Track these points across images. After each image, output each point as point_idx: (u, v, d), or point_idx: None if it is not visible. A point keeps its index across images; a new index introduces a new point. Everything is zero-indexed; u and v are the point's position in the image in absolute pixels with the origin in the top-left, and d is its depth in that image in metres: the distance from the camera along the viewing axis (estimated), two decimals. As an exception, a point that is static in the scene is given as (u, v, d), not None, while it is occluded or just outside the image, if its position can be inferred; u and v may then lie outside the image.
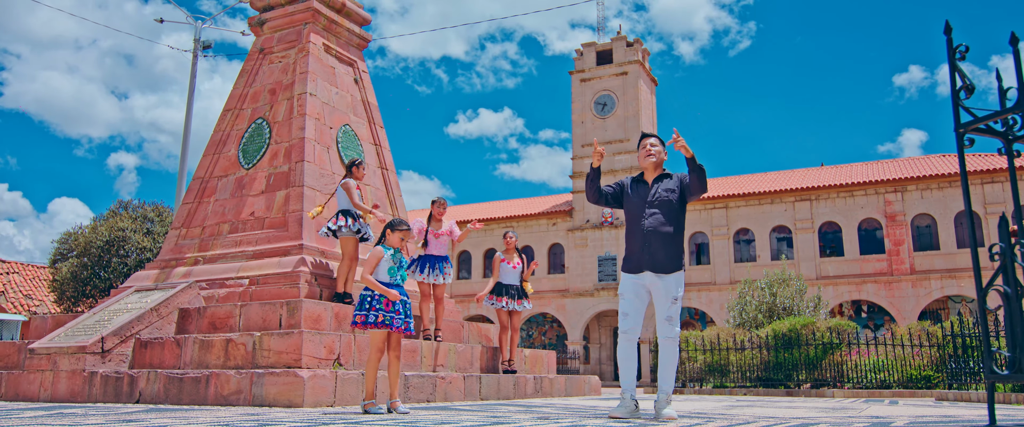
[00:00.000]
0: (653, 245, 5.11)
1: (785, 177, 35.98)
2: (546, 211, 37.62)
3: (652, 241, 5.12)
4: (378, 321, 5.28)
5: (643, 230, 5.17)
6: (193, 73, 24.60)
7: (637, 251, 5.17)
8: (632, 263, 5.21)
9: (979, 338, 13.15)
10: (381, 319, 5.28)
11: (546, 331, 37.50)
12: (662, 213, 5.17)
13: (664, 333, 5.09)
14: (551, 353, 11.53)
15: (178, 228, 10.43)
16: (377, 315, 5.29)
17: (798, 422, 4.91)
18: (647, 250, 5.12)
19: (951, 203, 30.22)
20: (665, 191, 5.23)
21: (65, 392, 7.66)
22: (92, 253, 24.68)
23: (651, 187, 5.29)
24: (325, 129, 10.39)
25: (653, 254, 5.10)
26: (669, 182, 5.28)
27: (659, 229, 5.13)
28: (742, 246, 33.61)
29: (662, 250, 5.10)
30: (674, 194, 5.23)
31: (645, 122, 36.87)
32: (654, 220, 5.16)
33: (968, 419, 5.29)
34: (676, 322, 5.10)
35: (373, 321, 5.28)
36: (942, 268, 29.79)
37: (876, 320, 30.83)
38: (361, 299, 5.41)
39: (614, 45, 37.80)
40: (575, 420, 4.88)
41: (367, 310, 5.31)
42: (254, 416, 5.01)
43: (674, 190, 5.24)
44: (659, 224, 5.14)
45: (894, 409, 7.68)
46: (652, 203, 5.20)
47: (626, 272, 5.26)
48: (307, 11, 10.80)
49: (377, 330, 5.35)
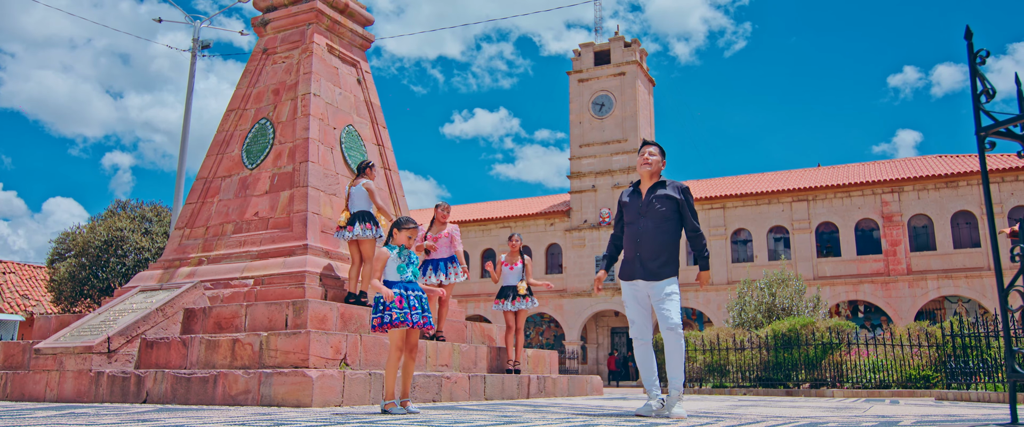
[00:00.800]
0: (643, 253, 5.20)
1: (782, 178, 36.07)
2: (544, 211, 37.66)
3: (642, 249, 5.21)
4: (394, 319, 5.32)
5: (634, 238, 5.26)
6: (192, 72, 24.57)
7: (630, 258, 5.28)
8: (625, 270, 5.32)
9: (978, 338, 13.22)
10: (396, 317, 5.31)
11: (544, 331, 37.54)
12: (653, 222, 5.24)
13: (664, 325, 5.12)
14: (553, 353, 11.57)
15: (182, 228, 10.43)
16: (392, 314, 5.31)
17: (806, 422, 4.95)
18: (638, 258, 5.22)
19: (947, 203, 30.33)
20: (658, 200, 5.28)
21: (71, 392, 7.66)
22: (90, 253, 24.64)
23: (645, 196, 5.35)
24: (329, 129, 10.41)
25: (644, 262, 5.19)
26: (664, 190, 5.33)
27: (652, 238, 5.20)
28: (739, 246, 33.70)
29: (653, 258, 5.17)
30: (669, 203, 5.28)
31: (643, 122, 36.93)
32: (644, 228, 5.24)
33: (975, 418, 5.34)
34: (674, 311, 5.09)
35: (390, 321, 5.31)
36: (939, 268, 29.91)
37: (873, 320, 30.94)
38: (375, 302, 5.43)
39: (612, 45, 37.87)
40: (587, 420, 4.92)
41: (382, 311, 5.34)
42: (267, 416, 5.03)
43: (670, 198, 5.29)
44: (649, 233, 5.22)
45: (898, 409, 7.73)
46: (644, 213, 5.28)
47: (622, 279, 5.36)
48: (311, 11, 10.82)
49: (396, 329, 5.38)
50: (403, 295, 5.44)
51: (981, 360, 12.78)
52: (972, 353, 13.29)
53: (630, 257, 5.28)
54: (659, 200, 5.28)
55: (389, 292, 5.27)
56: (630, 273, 5.27)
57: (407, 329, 5.43)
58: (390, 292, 5.28)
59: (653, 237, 5.20)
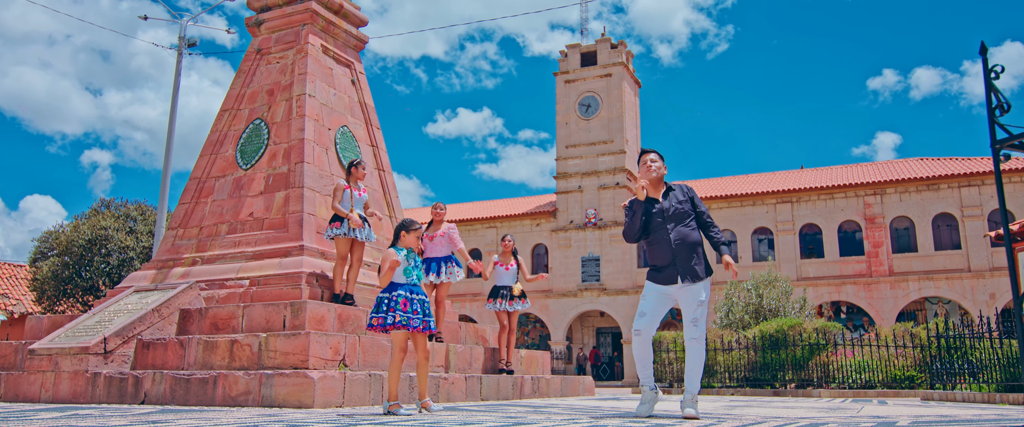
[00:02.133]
0: (682, 256, 5.29)
1: (767, 179, 36.37)
2: (530, 212, 37.73)
3: (681, 252, 5.29)
4: (396, 322, 5.35)
5: (671, 244, 5.31)
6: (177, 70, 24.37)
7: (668, 264, 5.31)
8: (663, 276, 5.33)
9: (962, 340, 13.43)
10: (399, 319, 5.35)
11: (529, 331, 37.62)
12: (683, 224, 5.37)
13: (690, 335, 5.25)
14: (545, 354, 11.65)
15: (175, 228, 10.39)
16: (395, 316, 5.36)
17: (806, 422, 5.04)
18: (679, 261, 5.29)
19: (929, 206, 30.72)
20: (678, 203, 5.42)
21: (67, 393, 7.63)
22: (74, 252, 24.41)
23: (663, 202, 5.44)
24: (323, 130, 10.41)
25: (686, 265, 5.28)
26: (678, 193, 5.48)
27: (686, 240, 5.33)
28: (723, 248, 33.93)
29: (693, 259, 5.29)
30: (687, 204, 5.44)
31: (629, 124, 37.10)
32: (679, 232, 5.34)
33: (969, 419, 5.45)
34: (701, 324, 5.28)
35: (392, 322, 5.35)
36: (920, 270, 30.28)
37: (855, 321, 31.28)
38: (378, 301, 5.47)
39: (598, 47, 37.99)
40: (593, 421, 4.98)
41: (385, 312, 5.38)
42: (276, 417, 5.05)
43: (685, 201, 5.45)
44: (685, 235, 5.34)
45: (891, 409, 7.86)
46: (671, 217, 5.38)
47: (655, 283, 5.38)
48: (305, 12, 10.81)
49: (398, 331, 5.42)
50: (408, 298, 5.49)
51: (965, 361, 12.99)
52: (956, 355, 13.51)
53: (667, 262, 5.30)
54: (678, 204, 5.41)
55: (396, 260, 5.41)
56: (668, 278, 5.30)
57: (411, 332, 5.48)
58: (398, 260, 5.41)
59: (689, 238, 5.33)
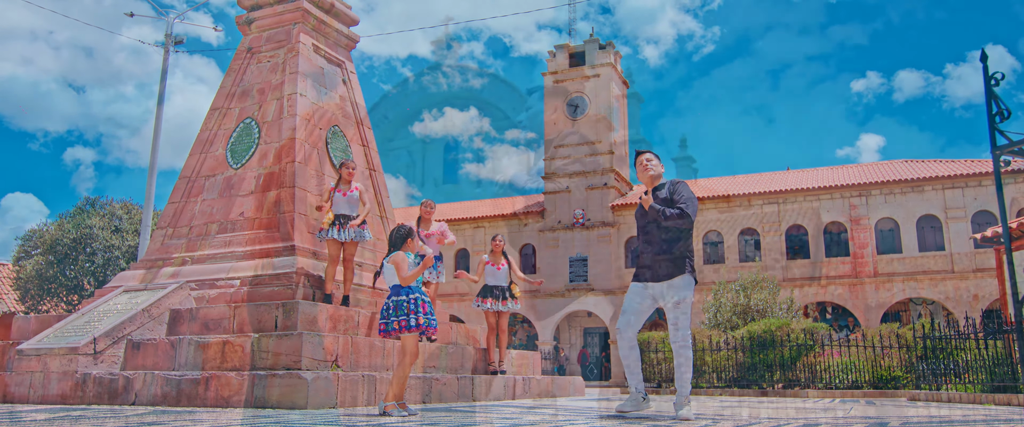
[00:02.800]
0: (652, 256, 5.32)
1: (753, 181, 36.56)
2: (518, 211, 37.74)
3: (649, 252, 5.34)
4: (420, 324, 5.43)
5: (644, 242, 5.41)
6: (164, 68, 24.19)
7: (642, 263, 5.42)
8: (638, 273, 5.47)
9: (948, 341, 13.55)
10: (422, 322, 5.42)
11: (516, 331, 37.63)
12: (656, 224, 5.36)
13: (673, 339, 5.26)
14: (536, 354, 11.68)
15: (164, 227, 10.32)
16: (417, 318, 5.41)
17: (800, 422, 5.08)
18: (648, 261, 5.35)
19: (913, 207, 30.99)
20: (658, 202, 5.42)
21: (56, 394, 7.56)
22: (58, 251, 24.18)
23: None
24: (314, 130, 10.37)
25: (654, 265, 5.32)
26: (662, 192, 5.49)
27: (654, 239, 5.34)
28: (710, 248, 34.08)
29: (662, 260, 5.30)
30: (667, 202, 5.42)
31: (617, 125, 37.20)
32: (649, 231, 5.38)
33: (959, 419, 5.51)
34: (682, 327, 5.26)
35: (415, 325, 5.41)
36: (904, 271, 30.54)
37: (840, 321, 31.52)
38: (398, 304, 5.47)
39: (587, 47, 38.06)
40: (593, 421, 5.00)
41: (407, 314, 5.42)
42: (273, 418, 5.03)
43: (666, 196, 5.43)
44: (654, 235, 5.36)
45: (881, 410, 7.92)
46: (648, 215, 5.38)
47: (634, 281, 5.49)
48: (296, 11, 10.77)
49: (411, 334, 5.47)
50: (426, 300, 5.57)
51: (951, 362, 13.12)
52: (941, 355, 13.64)
53: (643, 262, 5.41)
54: (659, 202, 5.40)
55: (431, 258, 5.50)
56: (640, 275, 5.41)
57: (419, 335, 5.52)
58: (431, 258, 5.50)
59: (658, 237, 5.33)
